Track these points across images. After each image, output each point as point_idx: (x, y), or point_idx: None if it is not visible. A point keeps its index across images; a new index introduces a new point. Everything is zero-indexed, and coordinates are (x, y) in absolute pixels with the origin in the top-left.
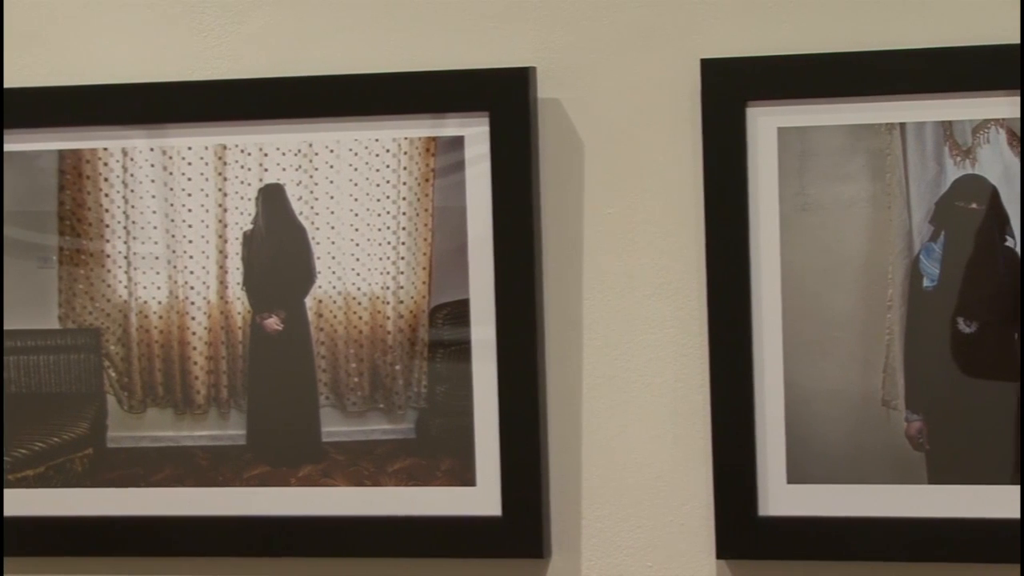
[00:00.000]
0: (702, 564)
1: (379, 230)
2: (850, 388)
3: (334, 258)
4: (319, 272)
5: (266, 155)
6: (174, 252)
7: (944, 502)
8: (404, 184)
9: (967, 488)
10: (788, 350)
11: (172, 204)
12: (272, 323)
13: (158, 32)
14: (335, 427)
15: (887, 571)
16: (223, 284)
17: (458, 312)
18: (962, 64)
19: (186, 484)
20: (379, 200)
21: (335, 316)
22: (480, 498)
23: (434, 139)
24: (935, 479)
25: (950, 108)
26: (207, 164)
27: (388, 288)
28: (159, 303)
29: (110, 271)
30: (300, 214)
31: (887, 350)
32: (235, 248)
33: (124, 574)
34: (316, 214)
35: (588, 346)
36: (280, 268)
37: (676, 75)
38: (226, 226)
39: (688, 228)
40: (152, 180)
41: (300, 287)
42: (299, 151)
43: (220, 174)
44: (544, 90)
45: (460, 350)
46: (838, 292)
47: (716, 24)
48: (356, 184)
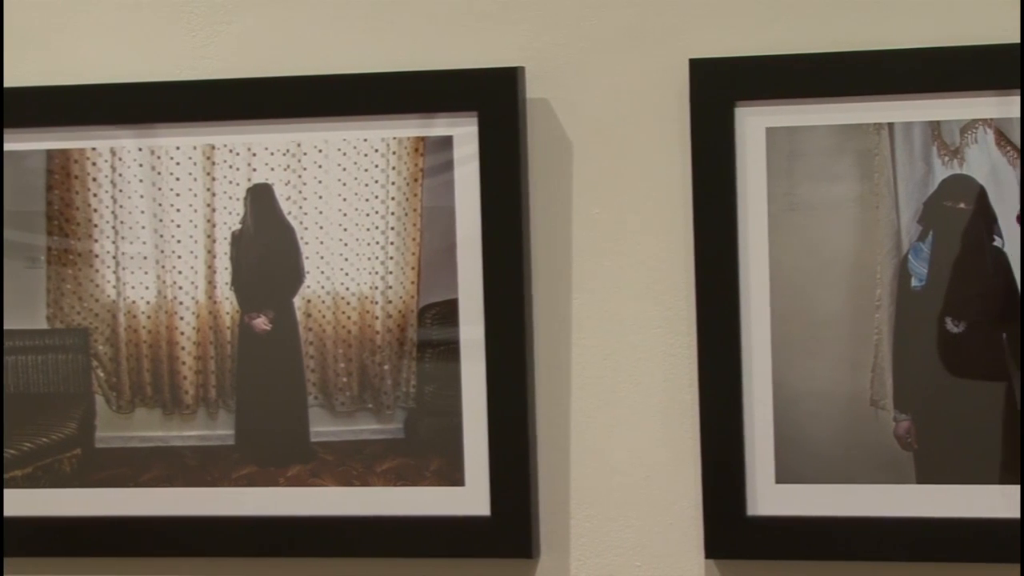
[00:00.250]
0: (691, 564)
1: (368, 230)
2: (838, 388)
3: (322, 258)
4: (307, 272)
5: (254, 155)
6: (162, 252)
7: (933, 502)
8: (393, 184)
9: (955, 488)
10: (776, 350)
11: (160, 204)
12: (260, 323)
13: (146, 32)
14: (324, 427)
15: (876, 571)
16: (211, 284)
17: (447, 312)
18: (950, 64)
19: (175, 484)
20: (368, 200)
21: (324, 316)
22: (469, 498)
23: (423, 139)
24: (923, 479)
25: (938, 108)
26: (195, 164)
27: (377, 288)
28: (147, 303)
29: (98, 271)
30: (288, 214)
31: (875, 350)
32: (223, 248)
33: (113, 574)
34: (304, 214)
35: (577, 346)
36: (268, 268)
37: (664, 75)
38: (214, 226)
39: (677, 228)
40: (140, 180)
41: (288, 287)
42: (287, 151)
43: (208, 174)
44: (532, 90)
45: (449, 350)
46: (826, 292)
47: (705, 24)
48: (345, 184)
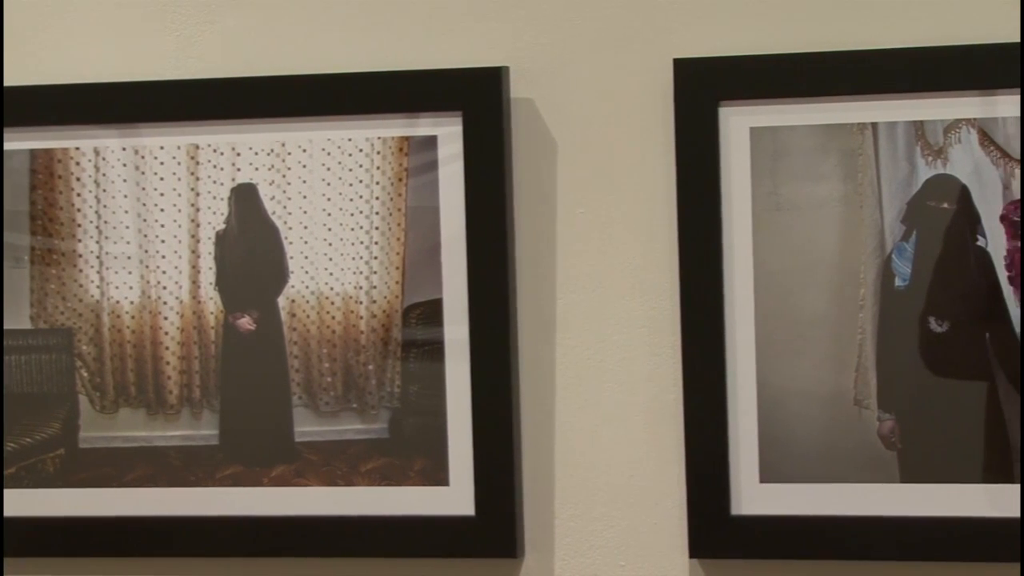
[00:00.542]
0: (675, 563)
1: (352, 230)
2: (822, 387)
3: (307, 258)
4: (292, 272)
5: (239, 155)
6: (146, 252)
7: (916, 501)
8: (377, 184)
9: (939, 487)
10: (761, 350)
11: (144, 204)
12: (245, 323)
13: (130, 32)
14: (308, 427)
15: (861, 570)
16: (195, 284)
17: (431, 312)
18: (934, 64)
19: (159, 484)
20: (352, 200)
21: (308, 316)
22: (453, 498)
23: (407, 139)
24: (907, 478)
25: (922, 108)
26: (179, 164)
27: (361, 288)
28: (131, 303)
29: (82, 271)
30: (273, 214)
31: (859, 349)
32: (207, 248)
33: (97, 574)
34: (289, 214)
35: (561, 346)
36: (253, 268)
37: (649, 75)
38: (198, 226)
39: (661, 228)
40: (124, 180)
41: (273, 287)
42: (272, 151)
43: (192, 174)
44: (517, 90)
45: (433, 350)
46: (810, 292)
47: (689, 24)
48: (329, 184)
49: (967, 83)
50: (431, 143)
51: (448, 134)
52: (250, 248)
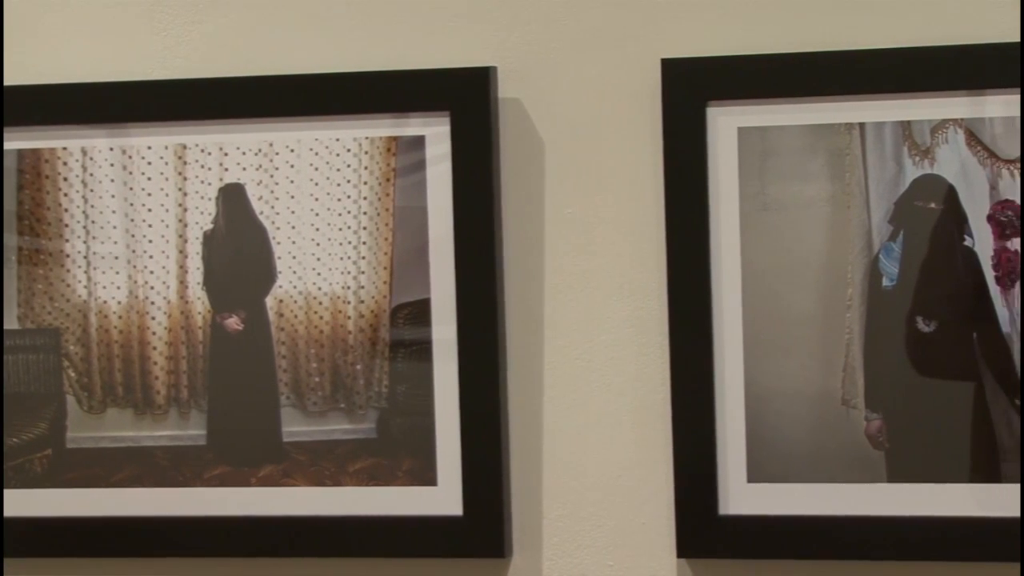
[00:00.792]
0: (663, 563)
1: (340, 230)
2: (810, 387)
3: (295, 258)
4: (280, 272)
5: (226, 155)
6: (134, 252)
7: (904, 500)
8: (365, 184)
9: (926, 487)
10: (748, 350)
11: (132, 204)
12: (233, 323)
13: (118, 31)
14: (296, 427)
15: (848, 569)
16: (183, 284)
17: (419, 312)
18: (921, 64)
19: (146, 484)
20: (340, 200)
21: (296, 316)
22: (441, 498)
23: (395, 139)
24: (895, 478)
25: (909, 108)
26: (167, 164)
27: (349, 288)
28: (119, 303)
29: (69, 271)
30: (261, 214)
31: (847, 349)
32: (195, 248)
33: (84, 575)
34: (277, 214)
35: (549, 345)
36: (240, 268)
37: (637, 75)
38: (186, 226)
39: (649, 228)
40: (112, 180)
41: (261, 287)
42: (259, 151)
43: (180, 174)
44: (505, 90)
45: (421, 350)
46: (798, 291)
47: (677, 24)
48: (317, 184)
49: (954, 83)
50: (419, 143)
51: (436, 134)
52: (238, 248)
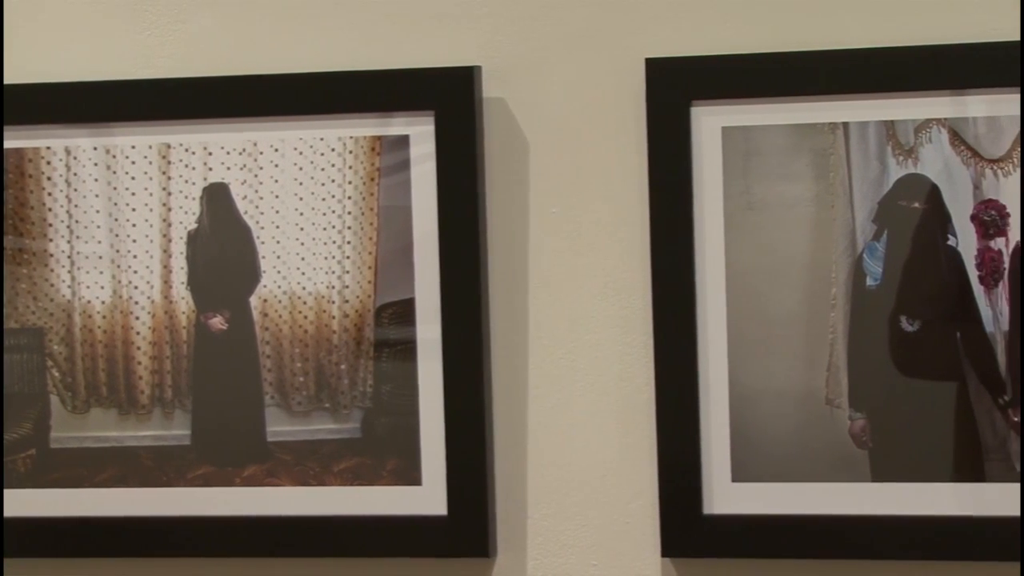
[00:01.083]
0: (648, 562)
1: (324, 229)
2: (794, 387)
3: (279, 257)
4: (264, 271)
5: (210, 154)
6: (118, 252)
7: (887, 499)
8: (349, 183)
9: (910, 486)
10: (732, 349)
11: (116, 203)
12: (217, 323)
13: (102, 31)
14: (280, 427)
15: (832, 568)
16: (167, 284)
17: (403, 311)
18: (904, 64)
19: (130, 484)
20: (324, 199)
21: (280, 315)
22: (426, 497)
23: (379, 138)
24: (878, 477)
25: (892, 108)
26: (151, 163)
27: (333, 287)
28: (103, 303)
29: (53, 270)
30: (245, 213)
31: (831, 349)
32: (179, 247)
33: (67, 575)
34: (261, 213)
35: (533, 345)
36: (225, 267)
37: (621, 74)
38: (170, 225)
39: (633, 227)
40: (95, 179)
41: (245, 286)
42: (244, 150)
43: (164, 173)
44: (489, 89)
45: (405, 349)
46: (782, 291)
47: (661, 23)
48: (301, 183)
49: (938, 83)
50: (403, 142)
51: (420, 133)
52: (222, 248)
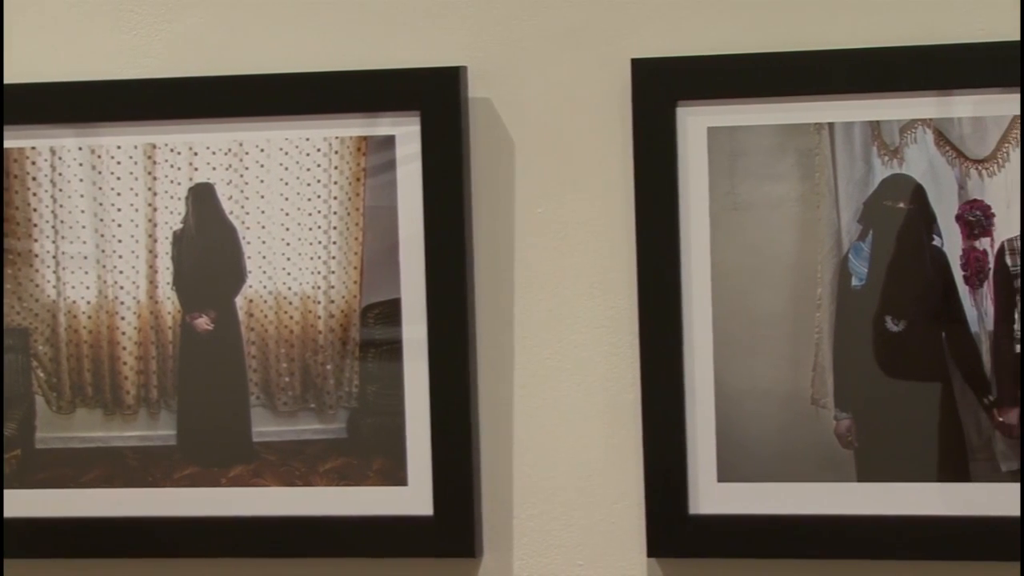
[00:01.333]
0: (633, 562)
1: (310, 229)
2: (780, 387)
3: (265, 257)
4: (250, 272)
5: (196, 154)
6: (103, 252)
7: (873, 499)
8: (335, 183)
9: (895, 486)
10: (718, 349)
11: (101, 203)
12: (202, 323)
13: (87, 31)
14: (266, 427)
15: (818, 568)
16: (153, 284)
17: (389, 311)
18: (890, 65)
19: (116, 485)
20: (310, 199)
21: (266, 316)
22: (411, 497)
23: (365, 138)
24: (864, 477)
25: (878, 108)
26: (136, 163)
27: (319, 288)
28: (88, 303)
29: (38, 271)
30: (230, 213)
31: (816, 349)
32: (165, 248)
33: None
34: (247, 213)
35: (519, 345)
36: (210, 268)
37: (607, 75)
38: (156, 225)
39: (619, 227)
40: (81, 179)
41: (231, 287)
42: (229, 150)
43: (150, 173)
44: (475, 89)
45: (391, 349)
46: (768, 291)
47: (646, 24)
48: (287, 183)
49: (923, 83)
50: (389, 143)
51: (406, 134)
52: (207, 248)
